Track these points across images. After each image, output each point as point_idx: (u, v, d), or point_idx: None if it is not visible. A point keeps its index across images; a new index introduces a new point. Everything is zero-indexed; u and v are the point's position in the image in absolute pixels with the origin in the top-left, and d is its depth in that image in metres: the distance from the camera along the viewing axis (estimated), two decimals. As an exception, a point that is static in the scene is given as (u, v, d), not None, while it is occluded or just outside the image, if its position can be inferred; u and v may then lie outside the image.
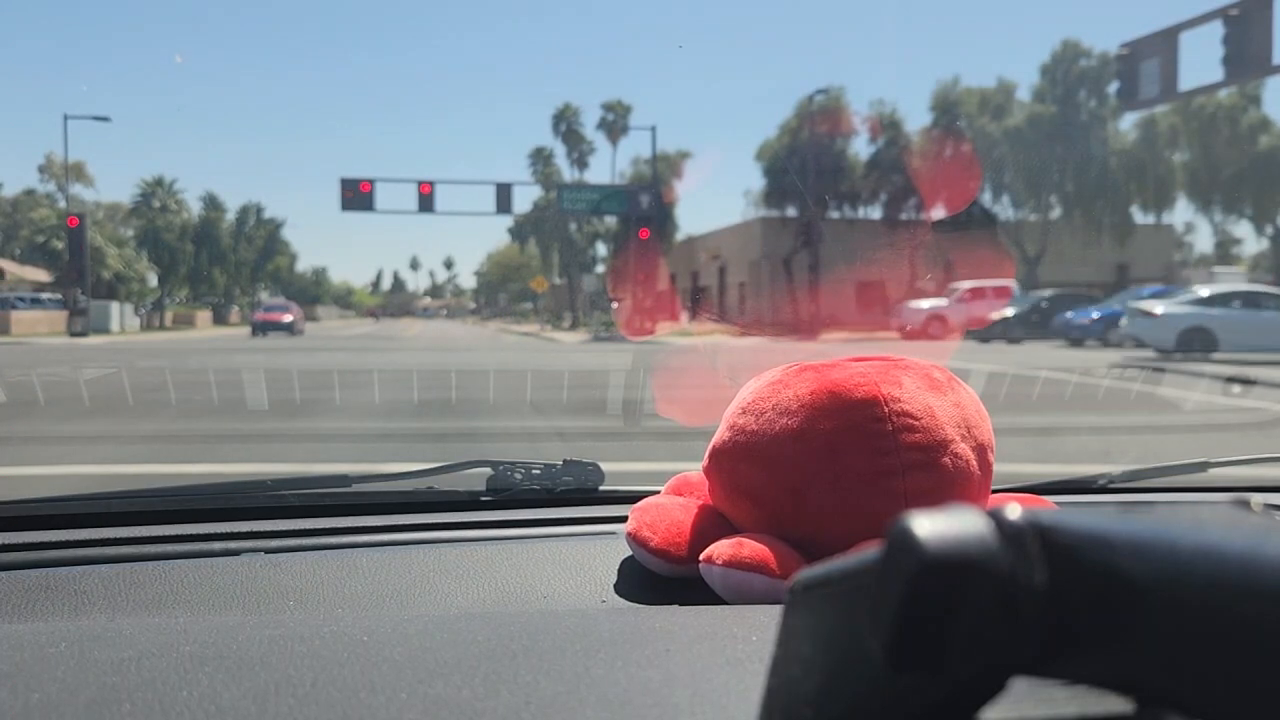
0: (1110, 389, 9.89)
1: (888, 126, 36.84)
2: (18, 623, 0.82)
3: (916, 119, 39.49)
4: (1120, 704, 0.32)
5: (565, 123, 55.27)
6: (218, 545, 1.07)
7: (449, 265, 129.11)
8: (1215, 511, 0.33)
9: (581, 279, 39.27)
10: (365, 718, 0.46)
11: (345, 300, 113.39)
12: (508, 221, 62.29)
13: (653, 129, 34.11)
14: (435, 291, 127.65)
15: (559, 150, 55.43)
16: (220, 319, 54.73)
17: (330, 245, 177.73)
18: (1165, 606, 0.28)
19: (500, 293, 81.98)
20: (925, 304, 24.36)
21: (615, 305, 33.17)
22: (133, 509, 1.18)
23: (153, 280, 48.26)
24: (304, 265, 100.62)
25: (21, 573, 0.94)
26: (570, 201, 34.24)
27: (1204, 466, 1.35)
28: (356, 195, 31.65)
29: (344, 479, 1.26)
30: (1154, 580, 0.28)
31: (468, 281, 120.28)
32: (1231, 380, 10.14)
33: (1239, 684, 0.27)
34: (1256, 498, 0.29)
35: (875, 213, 37.12)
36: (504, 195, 32.78)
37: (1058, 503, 1.11)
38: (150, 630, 0.63)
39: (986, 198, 38.05)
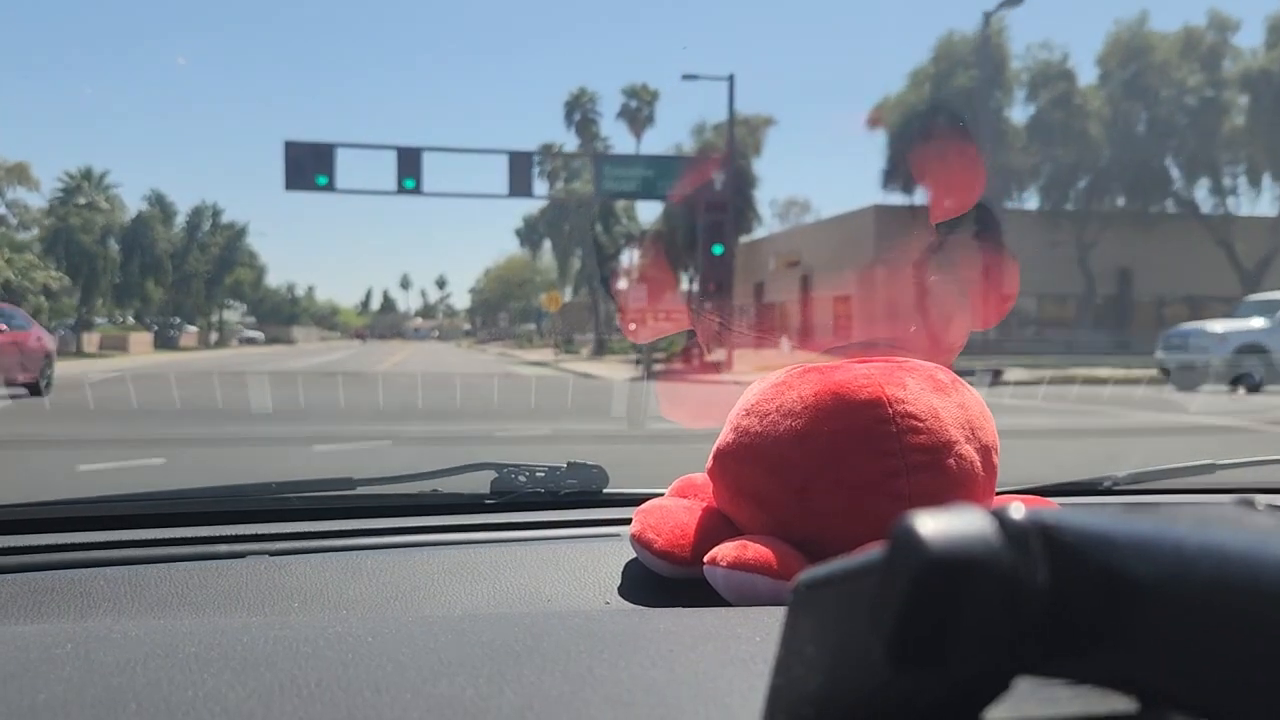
0: None
1: (1055, 80, 26.84)
2: (24, 624, 0.82)
3: (1086, 73, 28.81)
4: (1124, 703, 0.32)
5: (580, 111, 46.09)
6: (223, 548, 1.07)
7: (441, 284, 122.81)
8: (1219, 511, 0.33)
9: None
10: (370, 717, 0.46)
11: (329, 320, 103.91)
12: (514, 223, 52.34)
13: (730, 79, 23.97)
14: (427, 311, 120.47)
15: (571, 144, 46.06)
16: (167, 342, 44.20)
17: (317, 263, 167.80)
18: (1169, 606, 0.28)
19: (501, 312, 71.97)
20: (1223, 327, 14.44)
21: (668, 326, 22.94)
22: (137, 512, 1.18)
23: (76, 295, 38.01)
24: (301, 288, 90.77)
25: (27, 575, 0.94)
26: (614, 179, 23.92)
27: (1211, 468, 1.33)
28: (308, 167, 21.48)
29: (348, 482, 1.25)
30: (1158, 579, 0.28)
31: (462, 301, 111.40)
32: None
33: (1242, 683, 0.26)
34: (1261, 498, 0.35)
35: (1033, 199, 27.28)
36: (520, 171, 22.51)
37: (1062, 504, 1.08)
38: (156, 632, 0.63)
39: (1179, 177, 27.84)
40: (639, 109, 44.32)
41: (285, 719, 0.46)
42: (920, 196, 1.05)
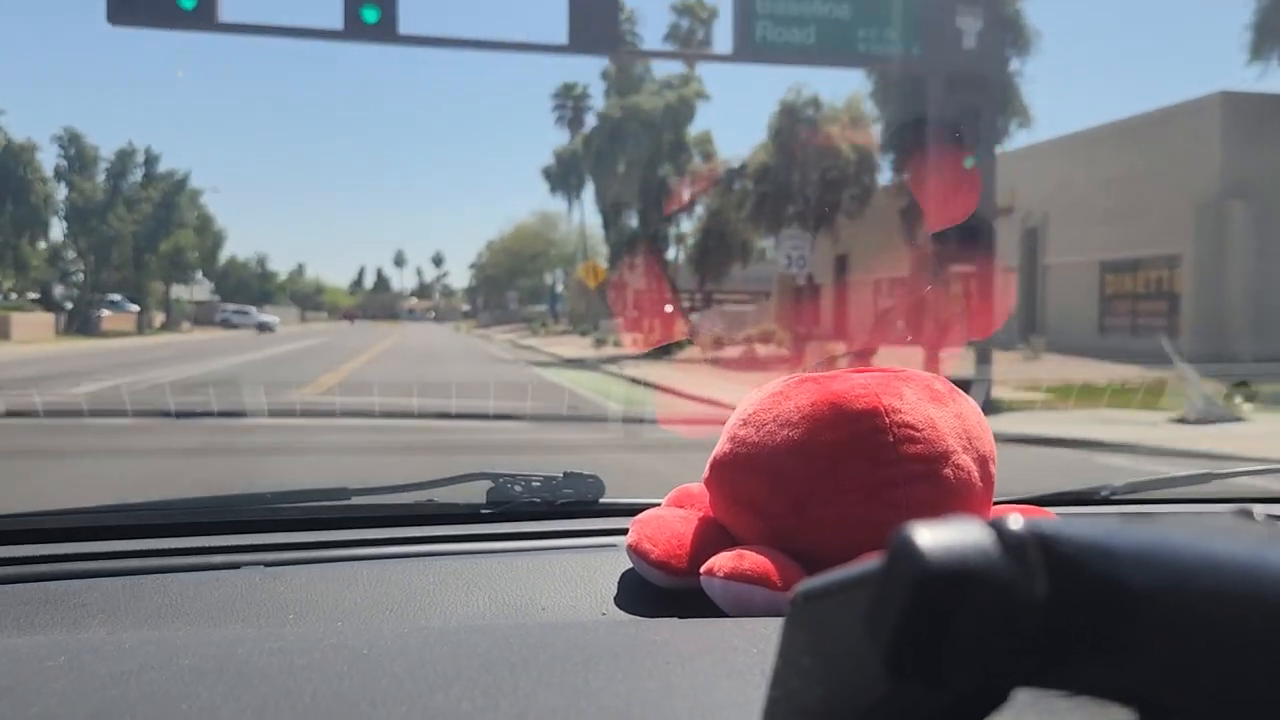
0: None
1: None
2: (17, 636, 0.82)
3: None
4: (1122, 715, 0.32)
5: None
6: (217, 558, 1.06)
7: (438, 262, 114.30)
8: (1217, 521, 0.32)
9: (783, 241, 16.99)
10: None
11: (313, 300, 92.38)
12: (538, 165, 41.08)
13: None
14: (423, 291, 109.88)
15: (599, 86, 34.76)
16: (83, 326, 32.60)
17: (305, 239, 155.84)
18: (1167, 616, 0.28)
19: (509, 290, 60.30)
20: None
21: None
22: (131, 522, 1.17)
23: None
24: (288, 266, 78.70)
25: (21, 586, 0.94)
26: (776, 26, 12.67)
27: (1207, 478, 1.33)
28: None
29: (343, 492, 1.24)
30: (1156, 590, 0.28)
31: (460, 280, 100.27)
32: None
33: (1241, 694, 0.26)
34: (1259, 508, 0.33)
35: None
36: (590, 6, 10.89)
37: (1059, 514, 1.06)
38: (150, 643, 0.63)
39: None
40: (691, 30, 32.39)
41: None
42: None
